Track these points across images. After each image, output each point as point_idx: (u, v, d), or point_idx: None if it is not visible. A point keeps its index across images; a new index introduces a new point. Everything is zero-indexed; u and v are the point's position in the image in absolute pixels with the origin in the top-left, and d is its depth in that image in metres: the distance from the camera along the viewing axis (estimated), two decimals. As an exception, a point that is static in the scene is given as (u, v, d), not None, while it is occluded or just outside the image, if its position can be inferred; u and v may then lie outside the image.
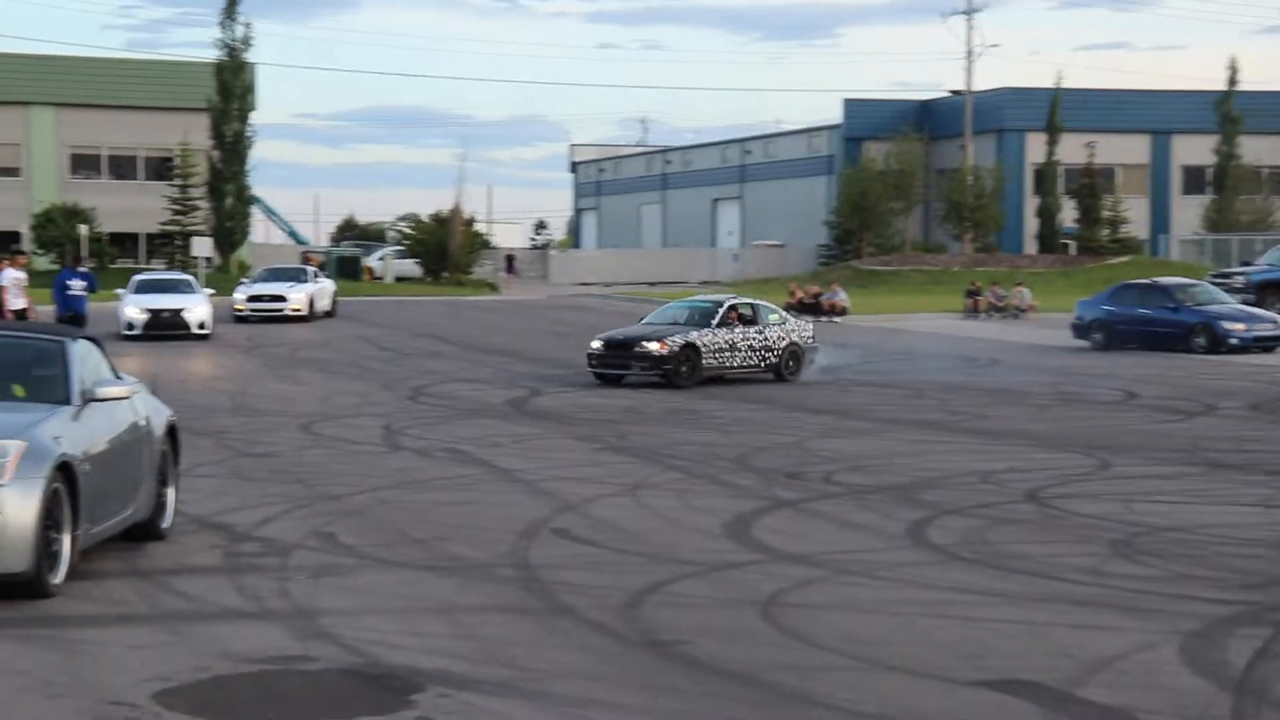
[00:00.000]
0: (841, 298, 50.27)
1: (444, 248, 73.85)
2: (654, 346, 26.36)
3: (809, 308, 49.92)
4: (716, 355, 26.97)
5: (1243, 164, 77.29)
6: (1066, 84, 78.51)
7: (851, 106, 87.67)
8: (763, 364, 27.63)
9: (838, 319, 48.43)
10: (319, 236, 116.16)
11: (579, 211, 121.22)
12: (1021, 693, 8.39)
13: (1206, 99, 79.02)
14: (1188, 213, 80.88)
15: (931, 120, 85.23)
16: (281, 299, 45.40)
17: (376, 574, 11.40)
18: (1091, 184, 75.11)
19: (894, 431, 20.51)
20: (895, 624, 9.94)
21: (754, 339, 27.55)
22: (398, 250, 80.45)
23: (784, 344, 27.91)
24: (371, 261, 77.60)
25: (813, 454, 18.17)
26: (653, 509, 14.35)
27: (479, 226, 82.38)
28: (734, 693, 8.42)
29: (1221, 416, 22.20)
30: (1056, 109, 76.60)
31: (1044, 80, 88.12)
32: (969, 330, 44.31)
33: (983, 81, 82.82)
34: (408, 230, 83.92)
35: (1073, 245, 75.86)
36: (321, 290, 47.93)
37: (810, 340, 28.83)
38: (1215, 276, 48.73)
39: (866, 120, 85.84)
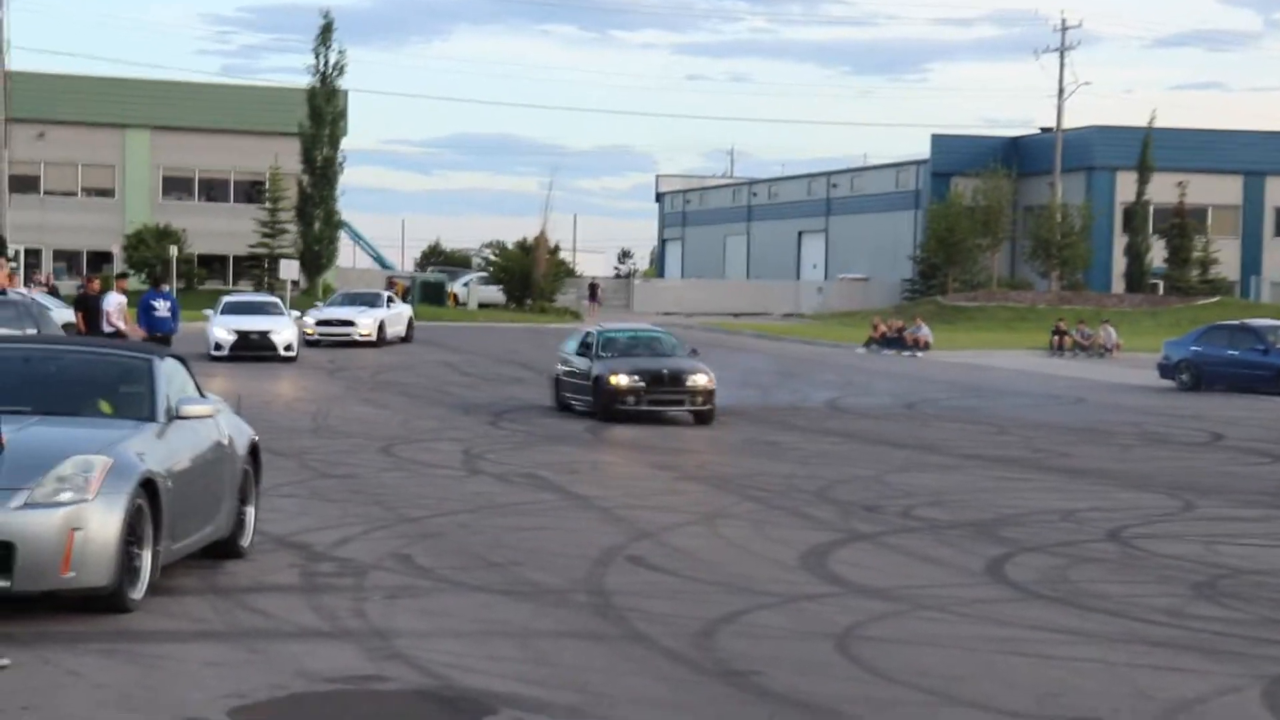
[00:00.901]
0: (925, 333, 50.04)
1: (528, 275, 74.22)
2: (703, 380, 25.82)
3: (891, 342, 49.75)
4: None
5: (1336, 206, 76.36)
6: (1159, 123, 77.90)
7: (939, 142, 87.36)
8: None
9: (920, 354, 48.19)
10: (404, 262, 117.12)
11: (664, 241, 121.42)
12: (1098, 733, 8.29)
13: (1302, 140, 78.13)
14: (1279, 255, 79.90)
15: (1020, 157, 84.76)
16: (350, 324, 45.45)
17: (452, 597, 11.44)
18: (1182, 224, 74.45)
19: (975, 467, 20.37)
20: (971, 660, 9.86)
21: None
22: (482, 277, 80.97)
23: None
24: (456, 287, 78.10)
25: (892, 488, 18.07)
26: (729, 539, 14.31)
27: (564, 255, 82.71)
28: (806, 725, 8.37)
29: (1310, 460, 21.87)
30: (1148, 148, 76.02)
31: (1136, 119, 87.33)
32: (1054, 368, 43.96)
33: (1073, 119, 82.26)
34: (493, 257, 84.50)
35: (1161, 285, 75.13)
36: (396, 315, 47.97)
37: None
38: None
39: (954, 156, 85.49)
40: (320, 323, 45.40)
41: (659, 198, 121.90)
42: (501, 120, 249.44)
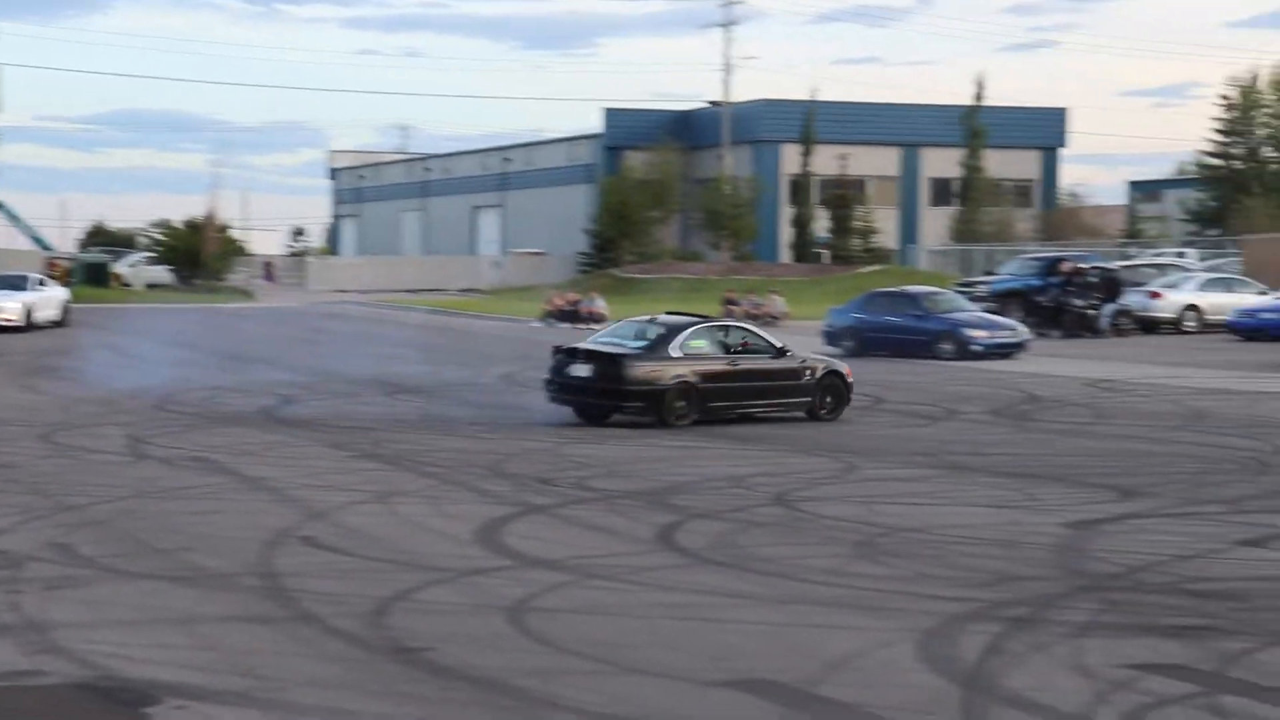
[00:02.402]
0: (600, 305, 50.56)
1: (197, 254, 72.46)
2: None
3: (568, 315, 50.14)
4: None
5: (987, 177, 79.79)
6: (820, 97, 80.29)
7: (611, 116, 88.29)
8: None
9: (596, 326, 48.69)
10: (66, 242, 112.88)
11: (338, 218, 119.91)
12: (764, 692, 8.53)
13: (954, 113, 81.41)
14: (935, 223, 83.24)
15: (690, 130, 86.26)
16: None
17: (115, 585, 11.11)
18: (844, 195, 76.87)
19: (650, 437, 20.67)
20: (641, 627, 10.02)
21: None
22: (149, 256, 78.67)
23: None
24: (121, 268, 75.70)
25: (567, 459, 18.22)
26: (403, 516, 14.24)
27: (234, 233, 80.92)
28: (479, 698, 8.41)
29: (963, 421, 22.85)
30: (811, 121, 78.26)
31: (799, 93, 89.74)
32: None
33: (740, 93, 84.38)
34: (159, 236, 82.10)
35: (825, 255, 77.47)
36: (46, 299, 45.81)
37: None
38: (960, 285, 50.22)
39: (626, 130, 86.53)
40: None
41: (332, 174, 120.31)
42: (167, 96, 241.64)
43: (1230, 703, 8.41)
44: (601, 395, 21.94)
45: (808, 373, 22.76)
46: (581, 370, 22.03)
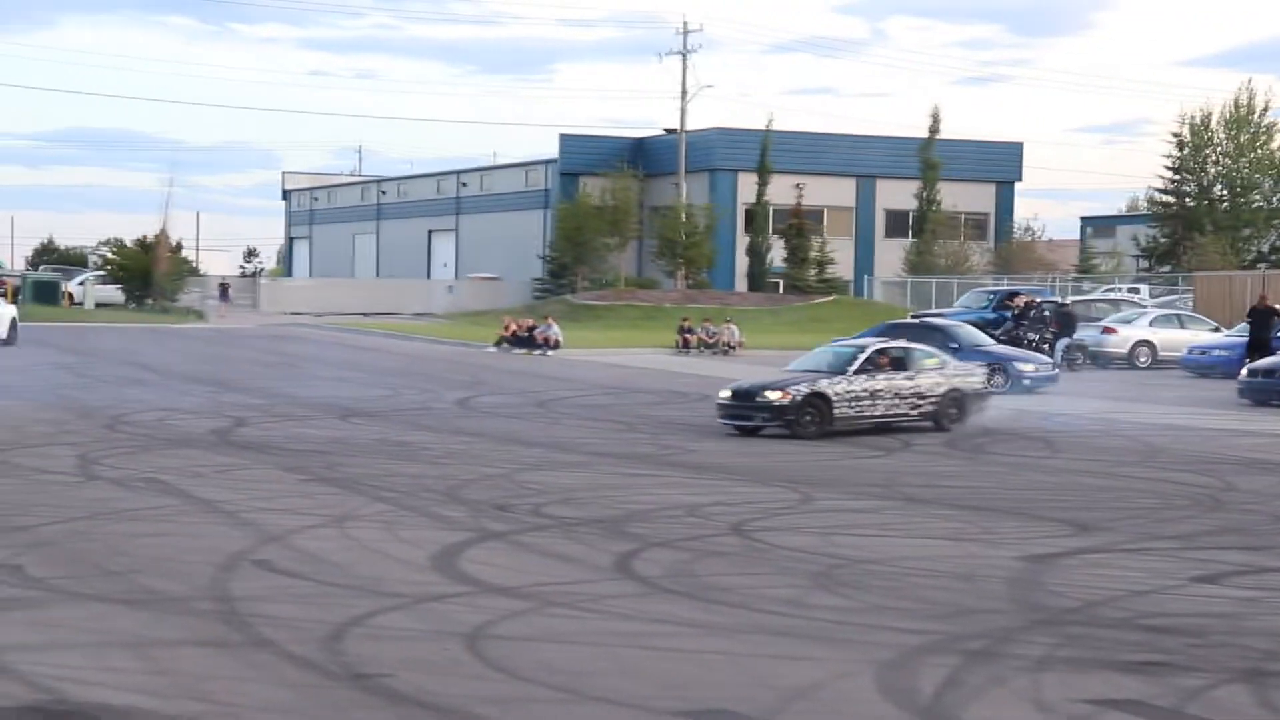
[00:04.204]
0: (555, 332, 50.49)
1: (149, 274, 72.02)
2: (774, 396, 24.68)
3: (523, 341, 50.05)
4: (852, 404, 25.05)
5: (941, 209, 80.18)
6: (777, 126, 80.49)
7: (567, 142, 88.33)
8: (915, 411, 25.63)
9: (551, 352, 48.61)
10: (14, 260, 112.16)
11: (291, 240, 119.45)
12: (721, 722, 8.48)
13: (909, 145, 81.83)
14: (890, 255, 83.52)
15: (646, 158, 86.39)
16: None
17: (66, 608, 10.98)
18: (800, 225, 77.05)
19: (605, 464, 20.63)
20: (599, 655, 9.97)
21: (902, 385, 25.60)
22: (100, 276, 78.18)
23: (942, 389, 25.87)
24: (71, 287, 75.20)
25: (523, 486, 18.15)
26: (359, 541, 14.14)
27: (186, 253, 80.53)
28: (436, 726, 8.33)
29: (917, 453, 22.90)
30: (767, 150, 78.49)
31: (755, 122, 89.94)
32: (680, 366, 44.93)
33: (697, 121, 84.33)
34: (110, 255, 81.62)
35: (781, 284, 77.65)
36: None
37: (981, 385, 27.03)
38: (914, 318, 50.39)
39: (582, 156, 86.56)
40: None
41: (285, 195, 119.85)
42: (119, 114, 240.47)
43: (1188, 739, 8.42)
44: None
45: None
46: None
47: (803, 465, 21.04)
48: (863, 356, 25.96)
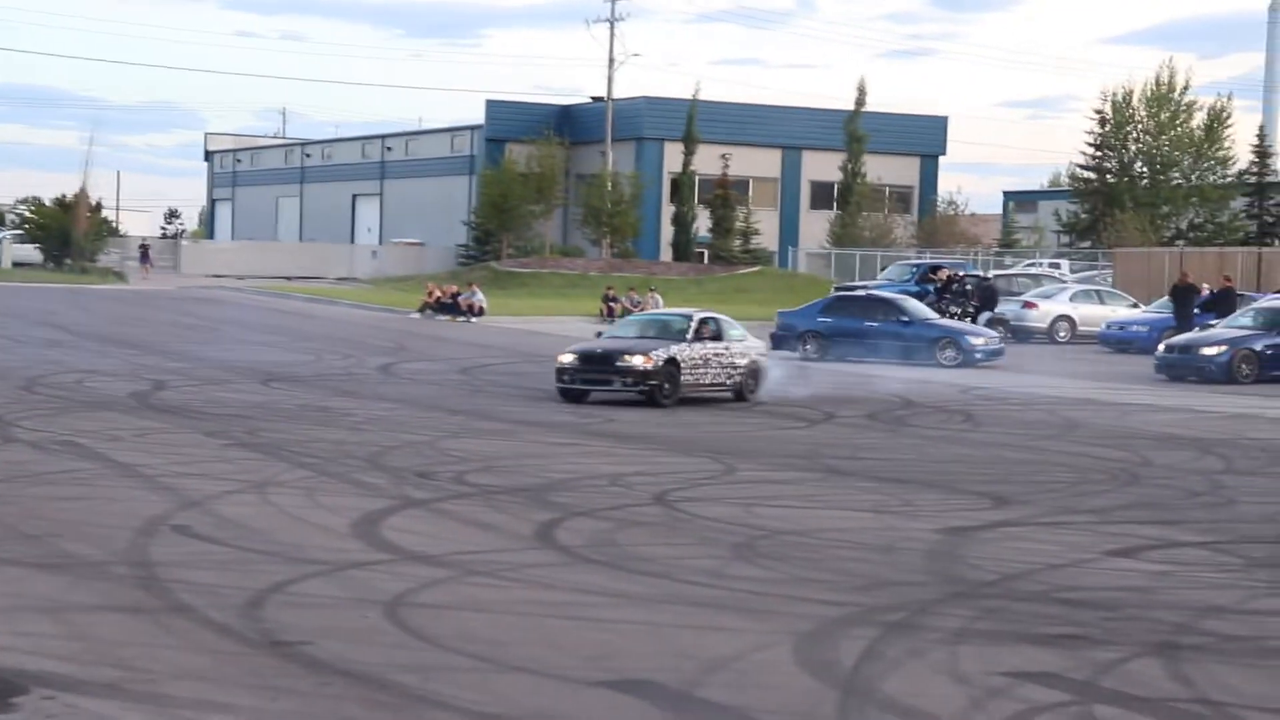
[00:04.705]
0: (479, 299, 50.35)
1: (68, 234, 71.20)
2: (638, 360, 24.37)
3: (447, 307, 49.88)
4: (692, 372, 25.10)
5: (867, 182, 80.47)
6: (704, 97, 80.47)
7: (493, 108, 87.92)
8: (729, 381, 25.81)
9: (475, 320, 48.48)
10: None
11: (213, 202, 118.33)
12: (642, 693, 8.51)
13: (835, 117, 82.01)
14: (815, 226, 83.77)
15: (573, 125, 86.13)
16: None
17: (-19, 572, 10.85)
18: (725, 195, 77.13)
19: (528, 433, 20.61)
20: (520, 625, 9.97)
21: (722, 355, 25.75)
22: (17, 235, 77.18)
23: (745, 361, 26.13)
24: (-12, 245, 74.23)
25: (446, 454, 18.11)
26: (280, 507, 14.07)
27: (107, 213, 79.60)
28: (355, 693, 8.31)
29: (839, 425, 23.03)
30: (693, 120, 78.44)
31: (682, 92, 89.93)
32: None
33: (624, 89, 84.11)
34: (28, 214, 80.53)
35: (706, 254, 77.75)
36: None
37: (765, 359, 27.22)
38: (839, 289, 50.61)
39: (508, 122, 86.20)
40: None
41: (208, 156, 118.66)
42: (38, 71, 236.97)
43: (1102, 712, 8.53)
44: None
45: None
46: None
47: (726, 436, 21.11)
48: (694, 324, 25.89)
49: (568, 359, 24.93)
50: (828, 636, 9.86)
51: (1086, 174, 78.19)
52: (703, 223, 78.18)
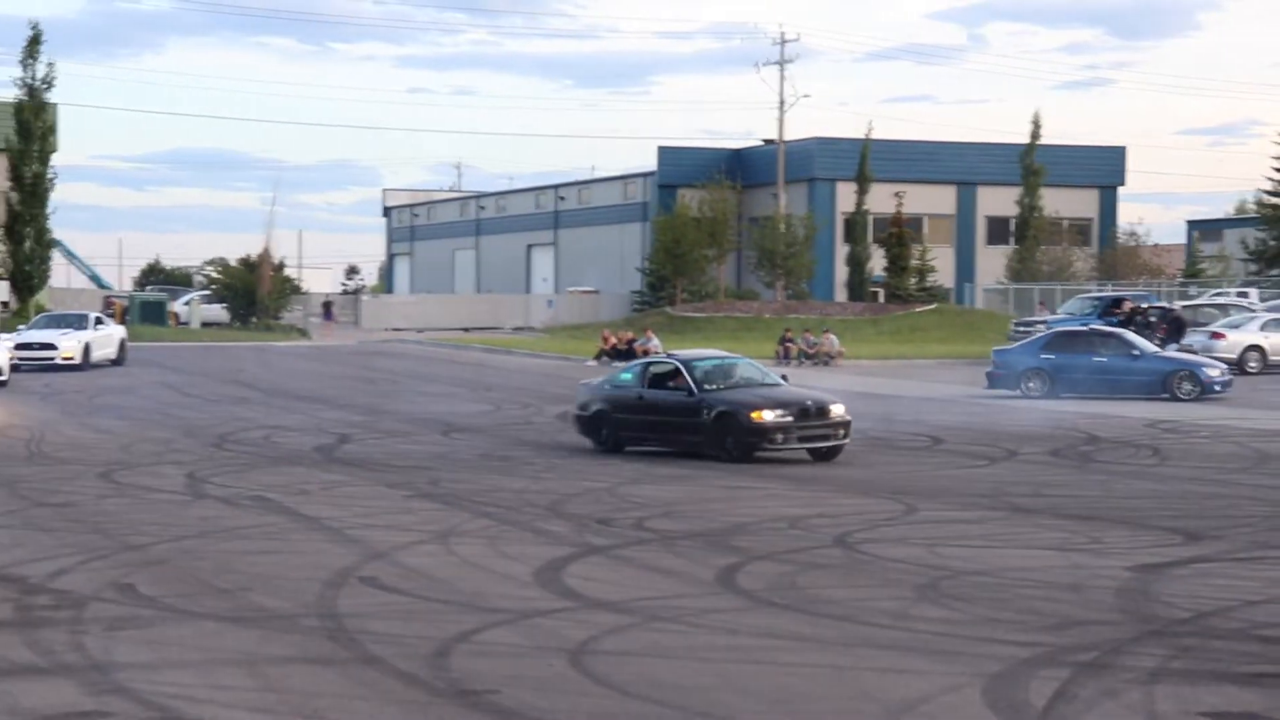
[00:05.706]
0: (655, 344, 50.49)
1: (253, 292, 72.94)
2: (839, 410, 22.83)
3: (622, 354, 50.10)
4: None
5: (1044, 215, 79.37)
6: (875, 135, 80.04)
7: (665, 154, 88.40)
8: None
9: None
10: (122, 281, 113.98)
11: (392, 256, 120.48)
12: (828, 737, 8.42)
13: (1010, 151, 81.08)
14: (992, 262, 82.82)
15: (744, 168, 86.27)
16: (51, 346, 43.64)
17: (177, 626, 11.11)
18: (899, 233, 76.55)
19: (706, 477, 20.59)
20: (704, 670, 9.93)
21: None
22: (205, 295, 79.24)
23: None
24: (177, 306, 76.27)
25: (625, 500, 18.16)
26: (463, 556, 14.20)
27: (289, 271, 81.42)
28: (542, 742, 8.33)
29: (1022, 462, 22.65)
30: (866, 159, 78.06)
31: (853, 131, 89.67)
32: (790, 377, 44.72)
33: (794, 131, 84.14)
34: (215, 275, 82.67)
35: (881, 293, 77.22)
36: (105, 337, 46.25)
37: None
38: (1018, 325, 49.92)
39: (680, 168, 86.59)
40: (19, 346, 42.87)
41: (386, 212, 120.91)
42: (220, 135, 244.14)
43: (1307, 752, 8.26)
44: None
45: None
46: None
47: (905, 476, 20.88)
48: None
49: (783, 417, 22.39)
50: (1017, 677, 9.68)
51: (1274, 199, 76.32)
52: (877, 262, 77.70)
